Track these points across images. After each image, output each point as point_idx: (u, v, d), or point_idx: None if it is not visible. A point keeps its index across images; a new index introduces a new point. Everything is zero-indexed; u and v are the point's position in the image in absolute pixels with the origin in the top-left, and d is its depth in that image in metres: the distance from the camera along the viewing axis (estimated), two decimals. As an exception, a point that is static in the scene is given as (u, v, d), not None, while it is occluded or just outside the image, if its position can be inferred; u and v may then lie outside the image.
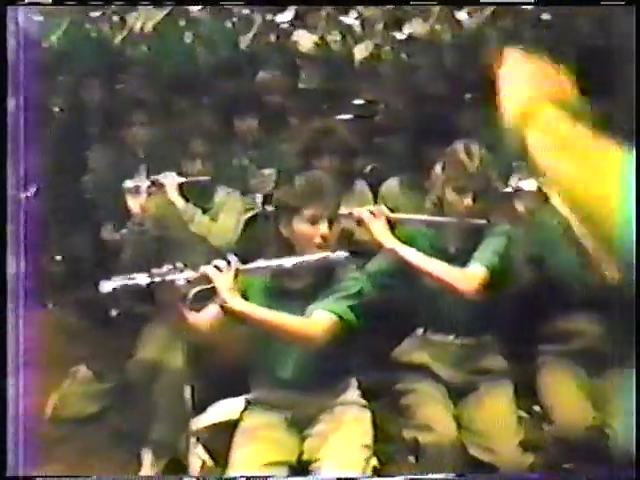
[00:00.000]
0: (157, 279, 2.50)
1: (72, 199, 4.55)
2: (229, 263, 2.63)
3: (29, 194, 4.67)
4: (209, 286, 2.65)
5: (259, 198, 4.01)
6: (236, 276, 2.62)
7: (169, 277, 2.51)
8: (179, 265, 2.55)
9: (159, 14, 6.61)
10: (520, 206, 3.18)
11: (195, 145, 3.72)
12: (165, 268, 2.53)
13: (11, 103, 5.35)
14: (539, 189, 3.06)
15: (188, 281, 2.56)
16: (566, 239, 3.01)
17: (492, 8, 6.04)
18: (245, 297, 2.69)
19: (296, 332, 2.68)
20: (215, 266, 2.61)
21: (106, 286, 2.50)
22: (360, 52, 6.24)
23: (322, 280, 2.81)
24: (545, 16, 5.86)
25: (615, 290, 2.86)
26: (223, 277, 2.59)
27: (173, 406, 3.40)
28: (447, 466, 2.87)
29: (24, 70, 4.86)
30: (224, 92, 5.12)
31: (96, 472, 3.32)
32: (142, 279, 2.49)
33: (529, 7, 5.98)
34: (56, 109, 5.22)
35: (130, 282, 2.49)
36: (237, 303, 2.60)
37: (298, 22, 6.43)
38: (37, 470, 3.26)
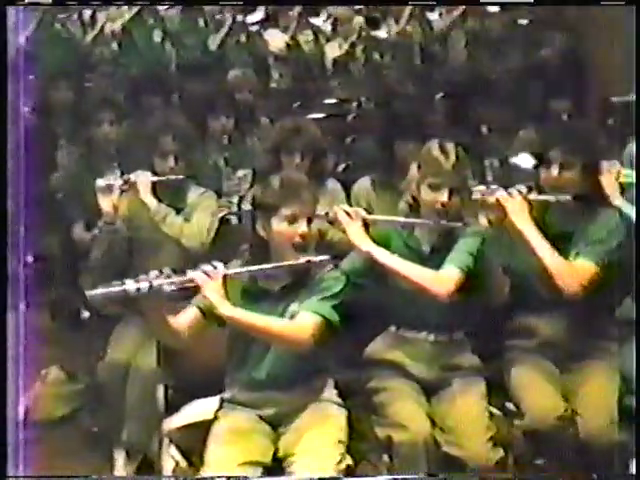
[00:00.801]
0: (144, 285, 2.48)
1: (43, 199, 4.51)
2: (216, 268, 2.63)
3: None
4: (187, 286, 2.64)
5: (234, 198, 4.00)
6: (224, 282, 2.62)
7: (156, 282, 2.49)
8: (166, 271, 2.54)
9: (128, 13, 6.58)
10: (482, 217, 3.19)
11: (167, 144, 3.70)
12: (152, 274, 2.51)
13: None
14: (498, 202, 3.07)
15: (176, 288, 2.54)
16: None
17: (462, 8, 6.07)
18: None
19: (283, 335, 2.70)
20: (203, 272, 2.60)
21: (93, 293, 2.47)
22: (332, 52, 6.25)
23: (299, 281, 2.82)
24: (522, 21, 5.90)
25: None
26: (212, 284, 2.59)
27: (146, 407, 3.38)
28: (421, 464, 2.88)
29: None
30: (196, 91, 5.12)
31: (68, 474, 3.30)
32: (130, 285, 2.47)
33: (496, 9, 6.03)
34: (26, 109, 5.17)
35: (118, 288, 2.46)
36: (227, 310, 2.60)
37: (269, 22, 6.42)
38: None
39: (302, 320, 2.72)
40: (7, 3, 3.26)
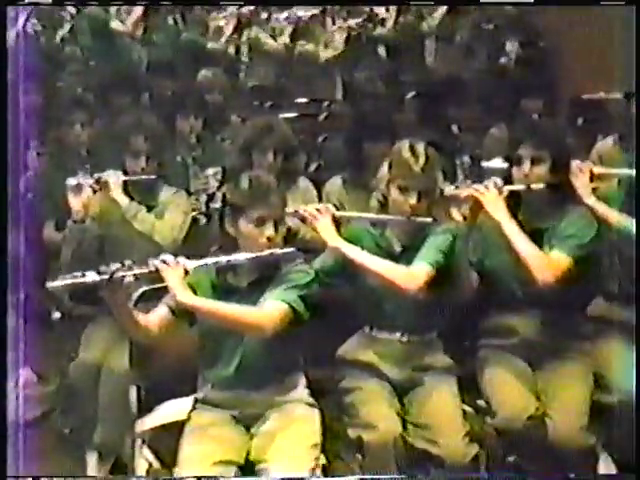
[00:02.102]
0: (105, 276, 2.48)
1: (13, 199, 4.48)
2: (177, 259, 2.64)
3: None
4: (157, 285, 2.65)
5: (204, 197, 4.00)
6: (185, 273, 2.63)
7: (118, 274, 2.50)
8: (127, 262, 2.54)
9: (100, 12, 6.54)
10: (456, 212, 3.21)
11: (138, 143, 3.69)
12: (113, 266, 2.52)
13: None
14: (473, 196, 3.09)
15: (137, 278, 2.55)
16: (502, 241, 3.06)
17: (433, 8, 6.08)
18: None
19: (248, 322, 2.70)
20: (163, 261, 2.62)
21: (54, 284, 2.48)
22: (303, 51, 6.25)
23: (268, 276, 2.83)
24: (487, 26, 5.93)
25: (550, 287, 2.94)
26: (172, 272, 2.61)
27: (118, 408, 3.36)
28: (392, 464, 2.90)
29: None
30: (165, 90, 5.11)
31: (40, 476, 3.28)
32: (91, 276, 2.48)
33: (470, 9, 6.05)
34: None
35: (78, 280, 2.47)
36: (187, 297, 2.63)
37: (242, 20, 6.41)
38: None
39: (267, 307, 2.73)
40: (7, 3, 3.24)
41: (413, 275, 2.93)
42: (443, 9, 5.97)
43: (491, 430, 3.01)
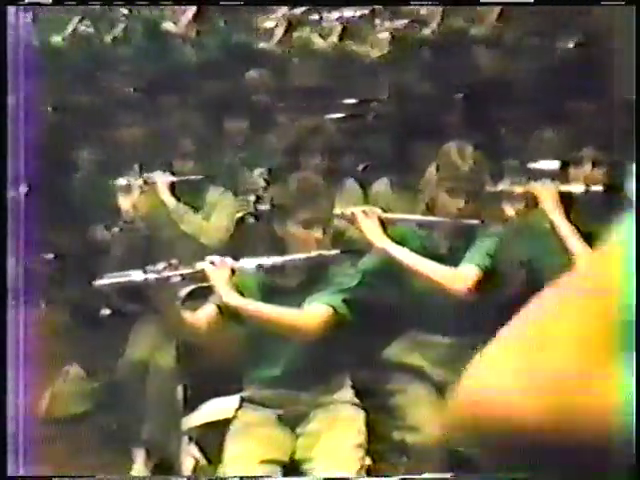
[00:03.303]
0: (152, 276, 2.51)
1: (64, 198, 4.54)
2: (223, 260, 2.66)
3: (21, 193, 4.66)
4: (205, 284, 2.67)
5: (251, 198, 4.02)
6: (232, 273, 2.65)
7: (164, 274, 2.52)
8: (174, 262, 2.57)
9: (147, 13, 6.60)
10: (509, 209, 3.19)
11: (186, 144, 3.72)
12: (160, 265, 2.54)
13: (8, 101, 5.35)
14: (529, 192, 3.08)
15: (183, 278, 2.58)
16: (554, 243, 3.03)
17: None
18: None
19: (291, 325, 2.71)
20: (211, 262, 2.64)
21: (100, 282, 2.52)
22: (353, 51, 6.24)
23: (315, 277, 2.84)
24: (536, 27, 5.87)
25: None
26: (219, 273, 2.63)
27: (165, 405, 3.40)
28: (436, 467, 2.89)
29: (20, 69, 4.87)
30: (213, 91, 5.13)
31: (87, 472, 3.32)
32: (137, 276, 2.51)
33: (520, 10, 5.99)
34: (49, 108, 5.20)
35: (125, 279, 2.50)
36: (233, 298, 2.65)
37: (292, 22, 6.42)
38: (28, 469, 3.27)
39: (311, 310, 2.74)
40: (7, 3, 3.27)
41: (460, 277, 2.92)
42: (492, 10, 5.94)
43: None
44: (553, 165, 3.20)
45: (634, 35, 3.54)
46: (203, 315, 2.75)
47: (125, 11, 6.28)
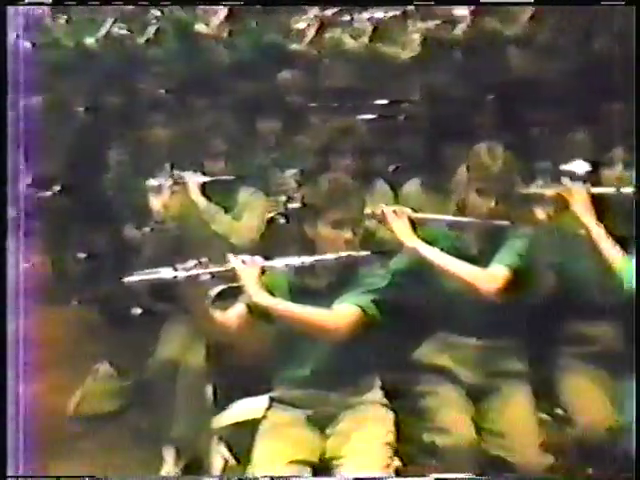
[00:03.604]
0: (182, 273, 2.51)
1: (95, 197, 4.57)
2: (254, 259, 2.67)
3: (53, 193, 4.70)
4: (234, 285, 2.68)
5: (282, 199, 4.02)
6: (262, 273, 2.65)
7: (194, 271, 2.53)
8: (204, 260, 2.57)
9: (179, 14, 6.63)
10: (540, 212, 3.17)
11: (217, 145, 3.74)
12: (190, 263, 2.55)
13: (31, 101, 5.41)
14: (560, 195, 3.06)
15: (213, 276, 2.58)
16: (586, 245, 3.01)
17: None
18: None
19: (320, 324, 2.71)
20: (241, 261, 2.65)
21: (130, 279, 2.53)
22: (384, 52, 6.23)
23: (345, 278, 2.83)
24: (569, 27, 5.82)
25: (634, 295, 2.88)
26: (249, 271, 2.63)
27: (194, 404, 3.41)
28: (465, 469, 2.88)
29: (45, 70, 4.92)
30: (246, 92, 5.14)
31: (118, 469, 3.35)
32: (167, 273, 2.51)
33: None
34: (80, 109, 5.24)
35: (154, 276, 2.51)
36: (263, 297, 2.65)
37: (324, 22, 6.42)
38: (59, 467, 3.30)
39: (340, 310, 2.74)
40: (7, 3, 3.29)
41: (491, 277, 2.91)
42: (524, 10, 5.90)
43: (569, 440, 2.97)
44: (584, 167, 3.17)
45: (634, 35, 3.52)
46: (233, 314, 2.76)
47: (157, 13, 6.31)
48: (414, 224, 3.10)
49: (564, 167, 3.41)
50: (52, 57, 6.04)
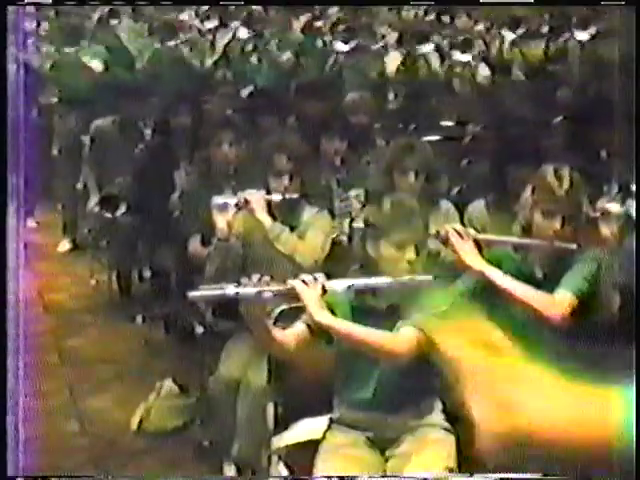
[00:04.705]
0: (244, 290, 2.52)
1: (160, 216, 4.62)
2: (316, 279, 2.66)
3: (120, 212, 4.77)
4: (296, 305, 2.68)
5: (346, 219, 4.02)
6: (323, 292, 2.65)
7: (256, 289, 2.53)
8: (266, 278, 2.57)
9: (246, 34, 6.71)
10: (606, 230, 3.11)
11: (282, 163, 3.75)
12: (254, 278, 2.55)
13: (97, 122, 5.52)
14: (626, 213, 3.00)
15: (274, 294, 2.58)
16: None
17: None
18: None
19: (382, 347, 2.69)
20: (302, 280, 2.64)
21: (195, 294, 2.55)
22: (446, 73, 6.24)
23: (407, 300, 2.81)
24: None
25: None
26: (310, 291, 2.63)
27: (255, 423, 3.41)
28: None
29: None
30: (312, 112, 5.17)
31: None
32: (230, 289, 2.52)
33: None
34: (147, 131, 5.32)
35: (218, 292, 2.52)
36: (324, 317, 2.63)
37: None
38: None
39: (402, 333, 2.71)
40: (7, 3, 3.33)
41: (557, 303, 2.86)
42: (592, 28, 5.84)
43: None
44: None
45: (634, 35, 3.45)
46: (293, 333, 2.75)
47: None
48: (479, 245, 3.07)
49: (634, 188, 3.35)
50: (123, 78, 6.16)
